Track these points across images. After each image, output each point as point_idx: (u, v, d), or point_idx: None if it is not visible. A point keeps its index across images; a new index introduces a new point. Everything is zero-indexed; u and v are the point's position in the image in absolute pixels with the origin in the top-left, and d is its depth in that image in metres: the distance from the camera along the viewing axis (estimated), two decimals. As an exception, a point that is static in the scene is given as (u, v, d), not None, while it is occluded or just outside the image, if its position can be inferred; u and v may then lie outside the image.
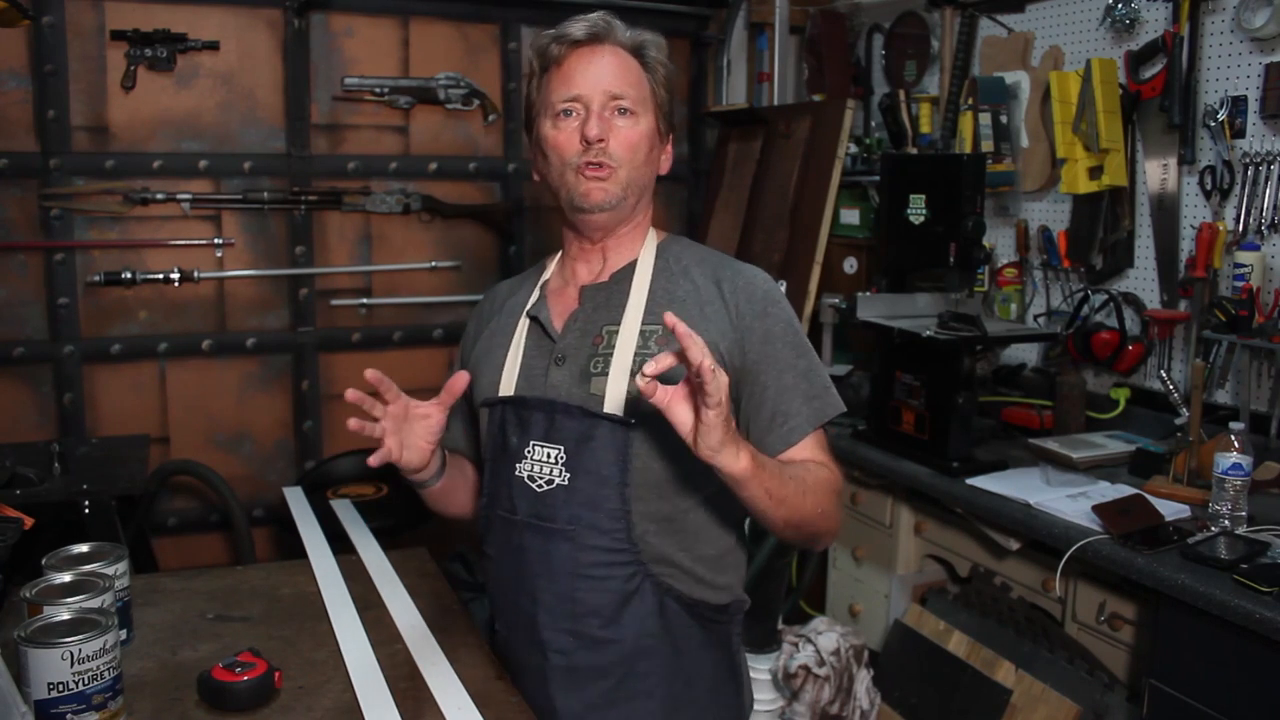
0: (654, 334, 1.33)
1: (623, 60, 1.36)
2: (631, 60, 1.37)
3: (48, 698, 1.06)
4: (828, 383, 1.39)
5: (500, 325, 1.46)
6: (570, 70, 1.34)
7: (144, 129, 2.94)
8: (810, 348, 1.40)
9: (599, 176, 1.34)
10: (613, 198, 1.35)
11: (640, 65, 1.37)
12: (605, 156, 1.33)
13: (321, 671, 1.31)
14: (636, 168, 1.36)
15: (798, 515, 1.29)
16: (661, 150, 1.42)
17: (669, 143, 1.44)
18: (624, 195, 1.36)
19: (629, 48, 1.37)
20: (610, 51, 1.35)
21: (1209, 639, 1.68)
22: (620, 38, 1.37)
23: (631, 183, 1.36)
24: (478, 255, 3.37)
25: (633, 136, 1.35)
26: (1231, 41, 2.27)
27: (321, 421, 3.21)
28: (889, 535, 2.56)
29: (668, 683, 1.36)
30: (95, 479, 2.32)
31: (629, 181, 1.36)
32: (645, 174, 1.39)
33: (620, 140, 1.34)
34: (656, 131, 1.39)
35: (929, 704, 2.30)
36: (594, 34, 1.34)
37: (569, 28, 1.35)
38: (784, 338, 1.36)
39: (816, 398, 1.37)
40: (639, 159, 1.36)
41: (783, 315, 1.38)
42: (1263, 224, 2.21)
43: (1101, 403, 2.54)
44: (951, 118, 2.94)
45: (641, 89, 1.37)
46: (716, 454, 1.15)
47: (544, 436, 1.33)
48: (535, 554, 1.34)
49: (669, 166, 1.45)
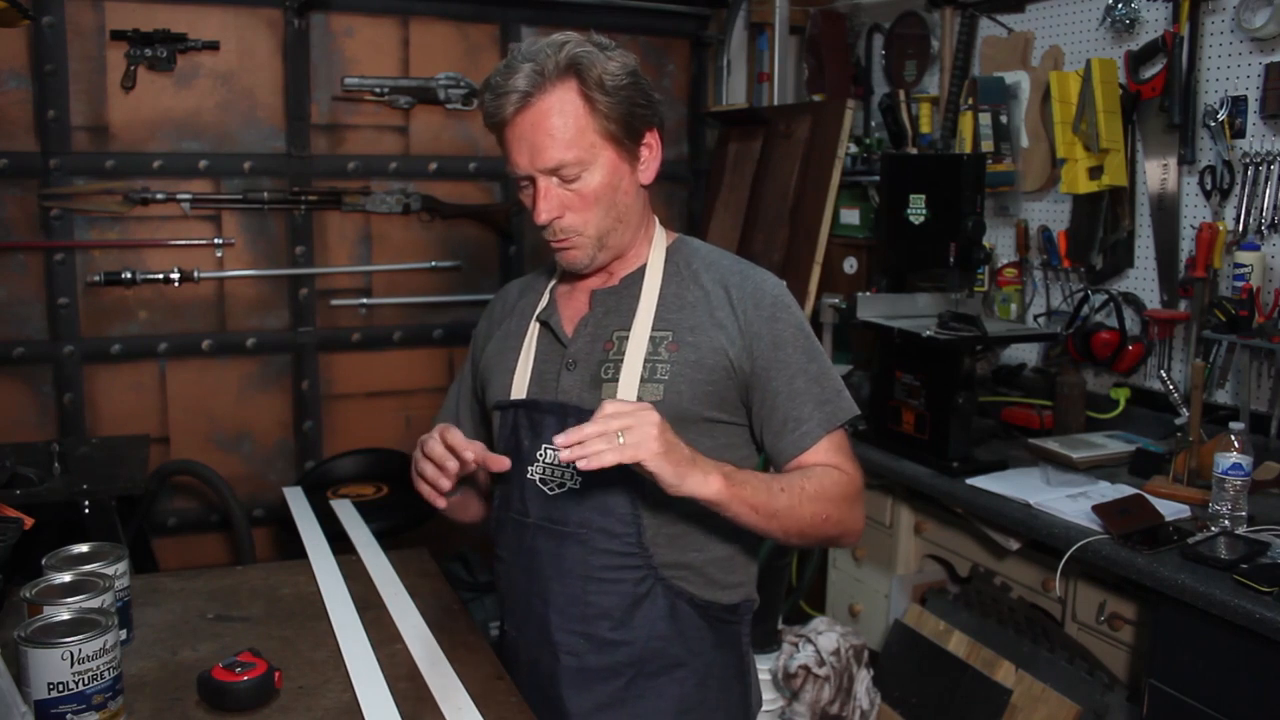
0: (664, 340, 1.32)
1: (557, 109, 1.25)
2: (572, 98, 1.26)
3: (48, 698, 1.06)
4: (840, 386, 1.38)
5: (511, 328, 1.46)
6: (511, 142, 1.29)
7: (144, 129, 2.94)
8: (821, 351, 1.39)
9: (566, 247, 1.33)
10: (587, 257, 1.34)
11: (582, 98, 1.26)
12: (564, 232, 1.32)
13: (321, 671, 1.31)
14: (604, 218, 1.32)
15: (796, 526, 1.29)
16: (634, 171, 1.34)
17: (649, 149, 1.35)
18: (599, 247, 1.34)
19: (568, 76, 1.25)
20: (541, 108, 1.25)
21: (1209, 639, 1.68)
22: (553, 74, 1.25)
23: (604, 233, 1.33)
24: (478, 255, 3.37)
25: (587, 195, 1.29)
26: (1231, 41, 2.27)
27: (321, 421, 3.21)
28: (889, 535, 2.56)
29: (678, 683, 1.36)
30: (95, 479, 2.32)
31: (600, 234, 1.33)
32: (619, 213, 1.33)
33: (575, 206, 1.30)
34: (619, 163, 1.31)
35: (929, 704, 2.30)
36: (524, 99, 1.25)
37: (498, 103, 1.26)
38: (794, 342, 1.35)
39: (828, 402, 1.35)
40: (604, 208, 1.31)
41: (792, 320, 1.37)
42: (1263, 224, 2.21)
43: (1101, 403, 2.54)
44: (951, 118, 2.94)
45: (583, 136, 1.27)
46: (678, 487, 1.18)
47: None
48: (547, 556, 1.34)
49: (654, 173, 1.37)
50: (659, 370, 1.31)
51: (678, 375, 1.31)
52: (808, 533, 1.31)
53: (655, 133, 1.35)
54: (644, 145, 1.34)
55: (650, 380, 1.31)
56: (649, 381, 1.30)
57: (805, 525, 1.30)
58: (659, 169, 1.38)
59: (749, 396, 1.35)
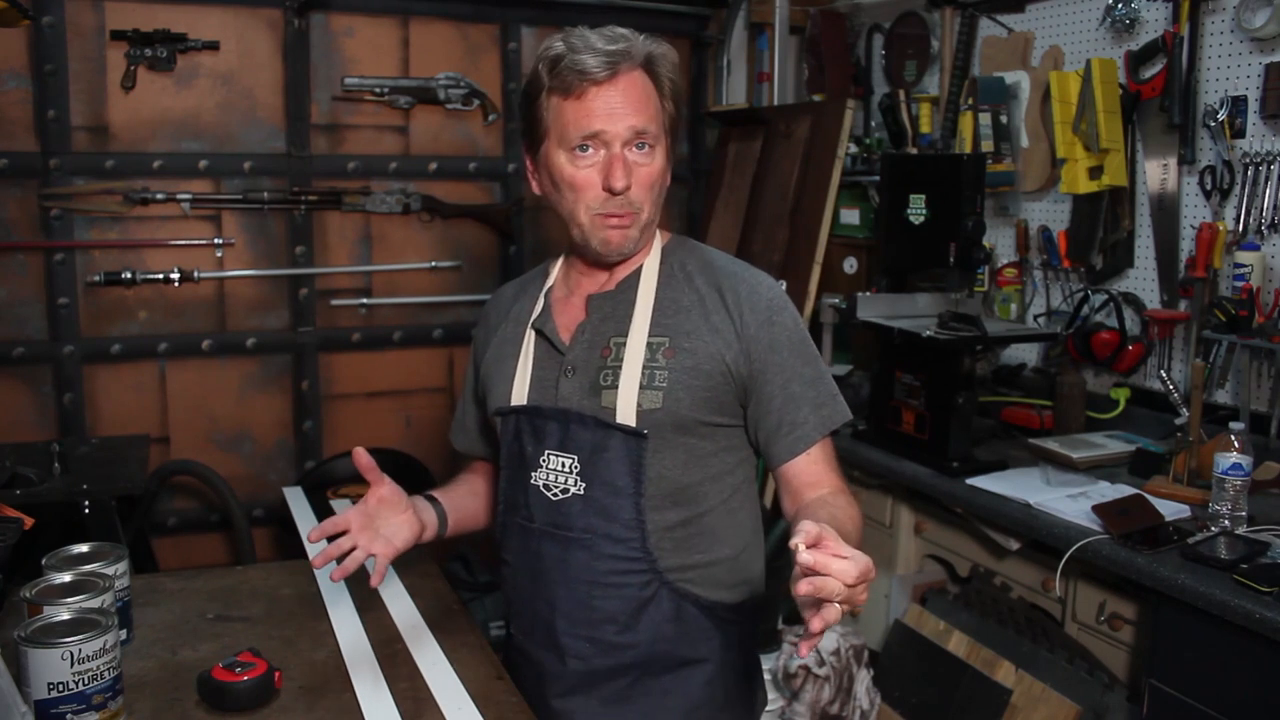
0: (660, 346, 1.32)
1: (639, 85, 1.29)
2: (646, 81, 1.30)
3: (48, 698, 1.06)
4: (835, 390, 1.38)
5: (508, 334, 1.45)
6: (590, 104, 1.26)
7: (144, 129, 2.94)
8: (817, 355, 1.39)
9: (622, 225, 1.31)
10: (633, 241, 1.33)
11: (653, 84, 1.31)
12: (629, 205, 1.30)
13: (321, 671, 1.31)
14: (655, 204, 1.33)
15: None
16: (669, 169, 1.37)
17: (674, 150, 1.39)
18: (642, 235, 1.34)
19: (643, 65, 1.30)
20: (627, 79, 1.28)
21: (1209, 639, 1.68)
22: (636, 57, 1.29)
23: (650, 221, 1.34)
24: (478, 255, 3.37)
25: (652, 173, 1.31)
26: (1231, 41, 2.27)
27: (321, 421, 3.21)
28: (889, 535, 2.56)
29: (685, 682, 1.36)
30: (95, 479, 2.32)
31: (649, 221, 1.33)
32: (659, 200, 1.35)
33: (641, 181, 1.29)
34: (667, 156, 1.34)
35: (929, 704, 2.30)
36: (614, 66, 1.27)
37: (587, 61, 1.25)
38: (789, 346, 1.35)
39: (824, 405, 1.36)
40: (657, 194, 1.33)
41: (788, 323, 1.36)
42: (1263, 224, 2.21)
43: (1101, 403, 2.54)
44: (951, 118, 2.94)
45: (658, 114, 1.31)
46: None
47: (559, 446, 1.34)
48: (552, 561, 1.35)
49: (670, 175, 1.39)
50: (657, 377, 1.31)
51: (676, 382, 1.31)
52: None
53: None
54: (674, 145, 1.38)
55: (649, 387, 1.31)
56: (647, 389, 1.30)
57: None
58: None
59: (746, 399, 1.35)
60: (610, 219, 1.30)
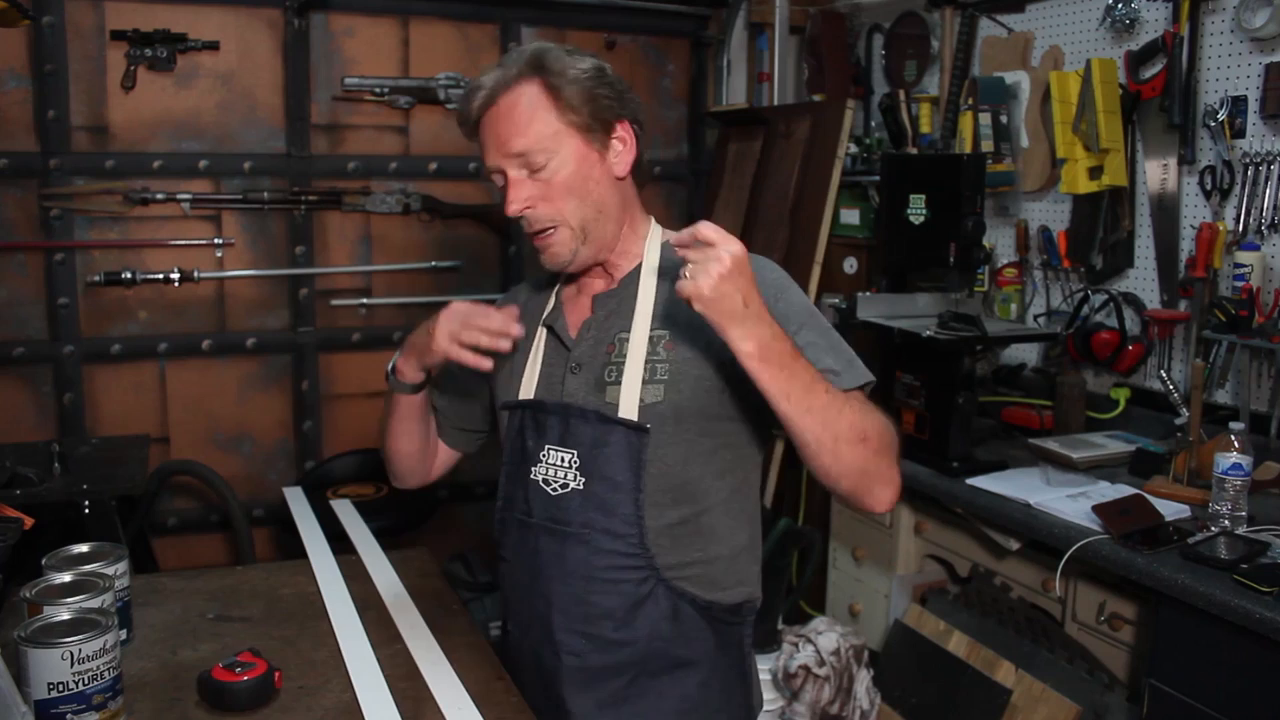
0: (661, 339, 1.32)
1: (523, 102, 1.28)
2: (536, 92, 1.28)
3: (48, 698, 1.06)
4: (854, 355, 1.33)
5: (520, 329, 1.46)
6: (482, 139, 1.32)
7: (144, 129, 2.94)
8: (830, 327, 1.35)
9: (547, 242, 1.33)
10: (569, 250, 1.33)
11: (544, 90, 1.28)
12: (539, 222, 1.31)
13: (321, 671, 1.31)
14: (580, 206, 1.31)
15: (830, 431, 1.19)
16: (603, 160, 1.32)
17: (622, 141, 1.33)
18: (581, 240, 1.33)
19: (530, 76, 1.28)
20: (507, 102, 1.28)
21: (1209, 639, 1.68)
22: (520, 72, 1.28)
23: (584, 222, 1.32)
24: (478, 255, 3.37)
25: (557, 185, 1.29)
26: (1231, 41, 2.27)
27: (321, 421, 3.21)
28: (889, 535, 2.56)
29: (680, 683, 1.36)
30: (95, 479, 2.32)
31: (580, 224, 1.32)
32: (596, 202, 1.32)
33: (546, 196, 1.29)
34: (587, 152, 1.30)
35: (929, 704, 2.30)
36: (492, 95, 1.29)
37: (468, 101, 1.31)
38: (800, 319, 1.31)
39: (853, 363, 1.31)
40: (576, 197, 1.31)
41: (796, 299, 1.34)
42: (1263, 224, 2.21)
43: (1101, 403, 2.54)
44: (951, 118, 2.94)
45: (547, 124, 1.28)
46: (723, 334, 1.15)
47: (559, 440, 1.34)
48: (550, 557, 1.34)
49: (628, 165, 1.35)
50: (659, 370, 1.31)
51: (677, 374, 1.31)
52: (842, 450, 1.21)
53: (627, 125, 1.34)
54: (615, 138, 1.34)
55: (651, 381, 1.31)
56: (650, 383, 1.30)
57: (841, 435, 1.20)
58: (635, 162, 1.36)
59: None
60: (536, 239, 1.34)
